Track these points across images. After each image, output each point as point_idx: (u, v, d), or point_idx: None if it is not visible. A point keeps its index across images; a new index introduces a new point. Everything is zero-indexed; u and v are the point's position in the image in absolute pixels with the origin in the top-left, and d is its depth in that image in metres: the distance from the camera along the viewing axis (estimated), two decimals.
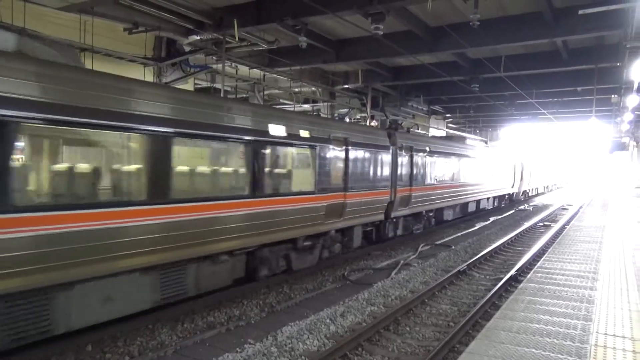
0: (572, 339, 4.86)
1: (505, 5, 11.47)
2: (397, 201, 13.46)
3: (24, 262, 5.06)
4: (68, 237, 5.43)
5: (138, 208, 6.23)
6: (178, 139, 6.81)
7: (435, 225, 17.96)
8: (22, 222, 5.04)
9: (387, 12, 9.96)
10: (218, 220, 7.43)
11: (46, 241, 5.24)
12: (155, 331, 6.99)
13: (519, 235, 17.11)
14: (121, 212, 6.01)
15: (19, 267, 5.03)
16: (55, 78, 5.36)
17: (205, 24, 11.94)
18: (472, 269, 11.52)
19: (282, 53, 14.86)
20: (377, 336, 7.11)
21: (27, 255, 5.09)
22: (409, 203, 14.41)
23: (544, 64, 15.78)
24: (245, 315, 7.84)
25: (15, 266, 5.00)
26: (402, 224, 14.85)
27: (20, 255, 5.03)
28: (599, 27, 11.17)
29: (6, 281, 4.95)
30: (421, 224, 16.30)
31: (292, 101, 19.79)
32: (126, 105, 6.07)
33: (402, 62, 17.35)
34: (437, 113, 27.97)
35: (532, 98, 19.70)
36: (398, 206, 13.67)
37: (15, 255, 4.99)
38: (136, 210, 6.20)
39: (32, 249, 5.12)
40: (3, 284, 4.93)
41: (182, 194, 6.98)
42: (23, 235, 5.04)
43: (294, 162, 9.72)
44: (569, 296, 6.40)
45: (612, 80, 17.03)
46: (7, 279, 4.95)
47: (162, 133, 6.52)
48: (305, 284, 9.84)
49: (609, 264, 8.39)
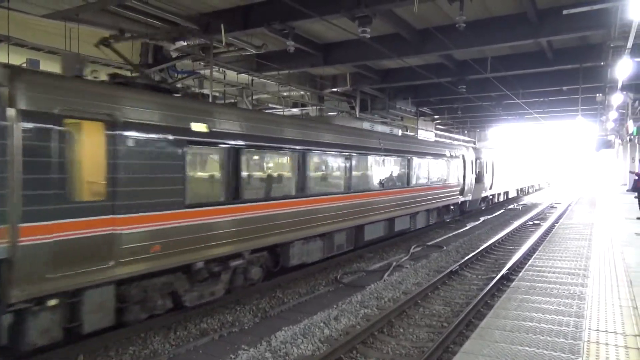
0: (565, 336, 4.90)
1: (490, 6, 11.58)
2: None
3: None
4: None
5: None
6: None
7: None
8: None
9: (373, 15, 10.01)
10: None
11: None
12: (148, 340, 6.91)
13: (510, 234, 17.23)
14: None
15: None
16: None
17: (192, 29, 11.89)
18: (464, 269, 11.57)
19: (270, 57, 14.86)
20: (371, 339, 7.09)
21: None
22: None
23: (529, 65, 15.97)
24: (238, 321, 7.79)
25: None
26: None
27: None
28: (583, 27, 11.32)
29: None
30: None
31: (281, 105, 19.78)
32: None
33: (390, 64, 17.44)
34: (426, 115, 28.14)
35: (519, 98, 19.90)
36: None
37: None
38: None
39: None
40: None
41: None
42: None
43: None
44: (560, 293, 6.44)
45: (597, 80, 17.28)
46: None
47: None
48: (298, 288, 9.81)
49: (598, 260, 8.48)
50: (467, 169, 21.10)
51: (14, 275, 5.11)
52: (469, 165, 21.25)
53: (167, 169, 6.76)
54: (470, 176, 21.44)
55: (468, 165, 21.13)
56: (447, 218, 19.77)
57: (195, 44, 12.52)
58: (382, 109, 22.22)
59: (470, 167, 21.44)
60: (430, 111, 27.59)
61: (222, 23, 11.04)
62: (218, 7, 11.35)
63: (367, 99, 21.66)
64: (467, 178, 21.06)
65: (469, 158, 21.50)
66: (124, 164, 6.16)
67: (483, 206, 25.79)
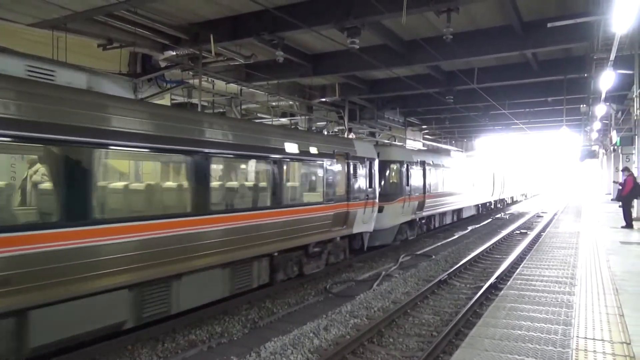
0: (554, 344, 4.93)
1: (477, 19, 11.78)
2: None
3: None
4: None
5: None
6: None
7: None
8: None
9: (362, 26, 10.13)
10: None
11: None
12: (135, 352, 6.81)
13: (497, 243, 17.36)
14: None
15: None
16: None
17: (181, 39, 11.91)
18: (453, 278, 11.61)
19: (259, 67, 14.91)
20: (361, 349, 7.07)
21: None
22: None
23: (515, 76, 16.25)
24: (227, 332, 7.72)
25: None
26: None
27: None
28: (567, 39, 11.57)
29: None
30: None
31: (270, 115, 19.80)
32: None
33: (378, 75, 17.59)
34: (414, 125, 28.37)
35: (505, 109, 20.19)
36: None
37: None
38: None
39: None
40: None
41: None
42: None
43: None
44: (548, 302, 6.49)
45: (581, 91, 17.62)
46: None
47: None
48: (287, 298, 9.76)
49: (585, 269, 8.57)
50: (365, 178, 12.64)
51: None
52: (364, 172, 12.57)
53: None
54: (369, 191, 12.80)
55: (363, 171, 12.55)
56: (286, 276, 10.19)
57: (184, 53, 12.54)
58: (371, 118, 22.38)
59: (368, 174, 12.86)
60: (418, 121, 27.85)
61: (211, 33, 11.09)
62: (207, 17, 11.38)
63: (355, 109, 21.81)
64: (360, 194, 12.31)
65: (368, 159, 12.88)
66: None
67: (411, 235, 16.81)
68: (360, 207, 12.31)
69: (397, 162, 15.59)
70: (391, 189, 15.21)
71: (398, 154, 16.18)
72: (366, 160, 12.80)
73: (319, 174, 10.76)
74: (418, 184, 16.86)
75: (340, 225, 11.46)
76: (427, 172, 17.83)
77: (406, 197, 15.69)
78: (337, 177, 11.35)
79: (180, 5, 10.53)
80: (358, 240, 13.06)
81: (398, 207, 15.23)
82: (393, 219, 15.08)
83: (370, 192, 12.86)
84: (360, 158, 12.47)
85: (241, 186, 9.05)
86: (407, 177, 15.92)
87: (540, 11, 11.18)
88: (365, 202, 12.51)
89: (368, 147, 13.61)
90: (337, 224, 11.26)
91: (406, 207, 15.66)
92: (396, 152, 16.50)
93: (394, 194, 15.12)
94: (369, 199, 12.74)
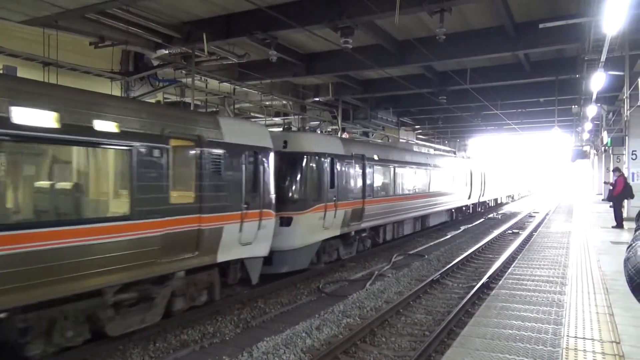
0: (544, 343, 4.96)
1: (470, 20, 11.83)
2: None
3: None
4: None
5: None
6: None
7: None
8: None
9: (355, 26, 10.13)
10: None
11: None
12: (127, 352, 6.77)
13: (489, 243, 17.44)
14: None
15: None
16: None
17: (173, 37, 11.86)
18: (445, 278, 11.66)
19: (252, 67, 14.87)
20: (354, 348, 7.08)
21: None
22: None
23: (507, 76, 16.35)
24: (219, 332, 7.69)
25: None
26: None
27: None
28: (558, 40, 11.65)
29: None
30: None
31: (263, 115, 19.78)
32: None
33: (372, 75, 17.61)
34: (407, 124, 28.44)
35: (497, 109, 20.29)
36: None
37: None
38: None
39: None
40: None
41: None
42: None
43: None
44: (539, 301, 6.54)
45: (573, 92, 17.73)
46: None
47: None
48: (280, 298, 9.75)
49: (576, 268, 8.64)
50: (242, 176, 8.59)
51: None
52: (241, 167, 8.59)
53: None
54: (252, 196, 8.82)
55: (240, 166, 8.56)
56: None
57: (177, 52, 12.49)
58: (364, 118, 22.41)
59: (253, 170, 8.97)
60: (412, 121, 27.92)
61: (204, 32, 11.05)
62: (200, 15, 11.33)
63: (349, 109, 21.82)
64: (233, 202, 8.40)
65: (252, 149, 8.93)
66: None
67: (346, 254, 13.09)
68: (233, 221, 8.20)
69: (315, 155, 11.18)
70: (304, 192, 10.92)
71: (316, 143, 11.60)
72: (246, 150, 8.65)
73: (121, 167, 6.57)
74: (353, 186, 12.71)
75: (185, 252, 7.28)
76: (369, 170, 13.62)
77: (330, 204, 11.39)
78: (168, 174, 7.03)
79: (173, 4, 10.48)
80: (234, 271, 8.78)
81: (315, 218, 10.96)
82: (308, 234, 10.84)
83: (254, 198, 8.75)
84: (232, 146, 8.30)
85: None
86: (331, 177, 11.58)
87: (532, 12, 11.25)
88: (243, 213, 8.38)
89: (252, 130, 9.42)
90: (176, 250, 7.12)
91: (330, 217, 11.43)
92: (313, 141, 11.76)
93: (307, 200, 10.84)
94: (251, 208, 8.59)
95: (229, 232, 8.14)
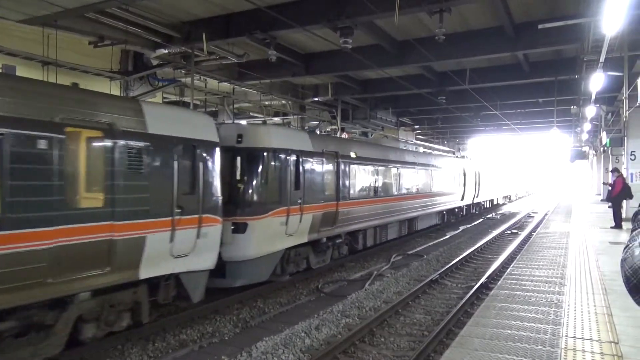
0: (543, 343, 4.97)
1: (469, 20, 11.84)
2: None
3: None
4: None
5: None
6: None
7: None
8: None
9: (355, 26, 10.14)
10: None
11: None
12: (125, 352, 6.77)
13: (488, 243, 17.45)
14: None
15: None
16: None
17: (173, 37, 11.86)
18: (444, 278, 11.66)
19: (251, 66, 14.88)
20: (353, 348, 7.08)
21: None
22: None
23: (506, 77, 16.37)
24: (218, 331, 7.69)
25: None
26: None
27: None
28: (558, 41, 11.67)
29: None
30: None
31: (262, 114, 19.78)
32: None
33: (371, 75, 17.62)
34: (406, 125, 28.46)
35: (497, 109, 20.31)
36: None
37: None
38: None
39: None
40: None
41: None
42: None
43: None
44: (538, 301, 6.54)
45: (572, 92, 17.77)
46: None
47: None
48: (279, 298, 9.75)
49: (574, 268, 8.64)
50: (174, 174, 7.15)
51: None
52: (172, 164, 7.14)
53: None
54: (189, 199, 7.39)
55: (170, 162, 7.11)
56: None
57: (176, 51, 12.49)
58: (364, 118, 22.42)
59: (190, 168, 7.56)
60: (411, 121, 27.93)
61: (204, 31, 11.05)
62: (199, 15, 11.34)
63: (348, 109, 21.84)
64: (159, 206, 6.96)
65: (189, 142, 7.46)
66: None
67: (317, 263, 11.68)
68: (160, 229, 6.80)
69: (276, 151, 9.79)
70: (261, 194, 9.54)
71: (277, 138, 10.04)
72: (180, 143, 7.19)
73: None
74: (324, 187, 11.27)
75: (91, 268, 5.87)
76: (344, 169, 12.21)
77: (294, 207, 9.98)
78: (62, 171, 5.58)
79: (173, 3, 10.48)
80: (166, 288, 7.24)
81: (275, 224, 9.57)
82: (266, 242, 9.44)
83: (191, 201, 7.31)
84: (158, 138, 6.85)
85: None
86: (296, 176, 10.23)
87: (532, 13, 11.27)
88: (175, 219, 6.96)
89: (189, 120, 7.80)
90: (77, 267, 5.70)
91: (294, 222, 9.99)
92: (273, 135, 10.07)
93: (266, 203, 9.47)
94: (186, 213, 7.16)
95: (155, 243, 6.63)
